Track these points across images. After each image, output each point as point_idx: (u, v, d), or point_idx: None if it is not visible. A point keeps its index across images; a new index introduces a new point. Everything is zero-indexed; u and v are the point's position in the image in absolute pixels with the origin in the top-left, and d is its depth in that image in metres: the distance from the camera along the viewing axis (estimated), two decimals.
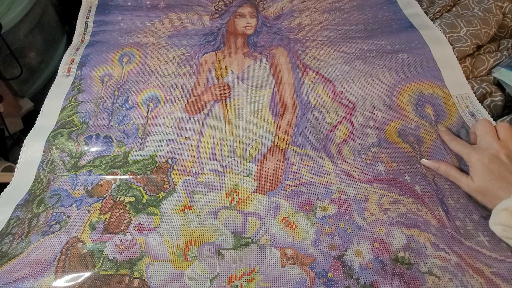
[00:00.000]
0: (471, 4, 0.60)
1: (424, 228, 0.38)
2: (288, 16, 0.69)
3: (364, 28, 0.64)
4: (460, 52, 0.54)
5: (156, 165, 0.48)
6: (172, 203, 0.44)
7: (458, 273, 0.35)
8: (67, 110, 0.56)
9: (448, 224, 0.38)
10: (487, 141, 0.37)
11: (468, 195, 0.40)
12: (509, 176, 0.33)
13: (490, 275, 0.34)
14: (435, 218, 0.39)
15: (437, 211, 0.40)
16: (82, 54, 0.65)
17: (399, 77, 0.54)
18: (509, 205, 0.31)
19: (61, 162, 0.50)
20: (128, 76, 0.61)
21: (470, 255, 0.36)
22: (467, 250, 0.36)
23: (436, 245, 0.37)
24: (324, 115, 0.51)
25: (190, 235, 0.40)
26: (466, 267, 0.35)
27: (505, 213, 0.32)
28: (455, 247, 0.36)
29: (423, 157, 0.45)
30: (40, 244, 0.41)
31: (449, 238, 0.37)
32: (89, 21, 0.72)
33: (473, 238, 0.37)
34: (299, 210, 0.42)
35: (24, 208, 0.46)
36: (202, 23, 0.70)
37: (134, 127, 0.53)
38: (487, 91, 0.51)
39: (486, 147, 0.36)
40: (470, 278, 0.34)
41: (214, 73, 0.60)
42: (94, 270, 0.38)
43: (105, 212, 0.44)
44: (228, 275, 0.37)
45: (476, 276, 0.34)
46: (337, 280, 0.35)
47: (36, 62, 0.83)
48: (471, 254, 0.36)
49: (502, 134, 0.38)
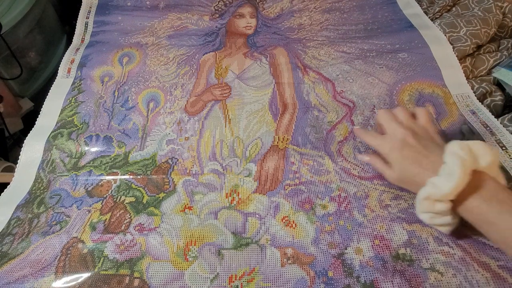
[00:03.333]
0: (471, 4, 0.60)
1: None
2: (288, 16, 0.69)
3: (364, 28, 0.64)
4: (460, 51, 0.54)
5: (156, 165, 0.48)
6: (173, 203, 0.44)
7: (462, 268, 0.34)
8: (67, 111, 0.56)
9: None
10: (392, 127, 0.36)
11: None
12: (422, 159, 0.32)
13: (497, 269, 0.33)
14: None
15: None
16: (82, 54, 0.65)
17: (399, 77, 0.54)
18: (428, 193, 0.30)
19: (61, 163, 0.50)
20: (128, 76, 0.61)
21: (476, 249, 0.35)
22: (473, 243, 0.36)
23: (439, 239, 0.36)
24: (324, 115, 0.51)
25: (191, 235, 0.40)
26: (471, 261, 0.34)
27: (427, 202, 0.31)
28: (459, 240, 0.36)
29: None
30: (40, 244, 0.41)
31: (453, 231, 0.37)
32: (89, 21, 0.72)
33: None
34: (299, 209, 0.42)
35: (24, 208, 0.46)
36: (202, 23, 0.70)
37: (134, 127, 0.53)
38: (487, 90, 0.51)
39: (393, 133, 0.35)
40: (475, 273, 0.34)
41: (214, 73, 0.60)
42: (94, 270, 0.38)
43: (106, 212, 0.44)
44: (228, 275, 0.37)
45: (482, 270, 0.34)
46: (337, 279, 0.36)
47: (36, 62, 0.83)
48: (477, 247, 0.35)
49: (401, 116, 0.37)
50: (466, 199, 0.29)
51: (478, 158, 0.30)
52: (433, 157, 0.32)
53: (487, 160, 0.29)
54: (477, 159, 0.30)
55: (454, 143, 0.31)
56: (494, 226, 0.29)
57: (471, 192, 0.29)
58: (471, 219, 0.30)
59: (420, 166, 0.32)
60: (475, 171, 0.29)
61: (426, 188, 0.30)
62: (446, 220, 0.31)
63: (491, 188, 0.29)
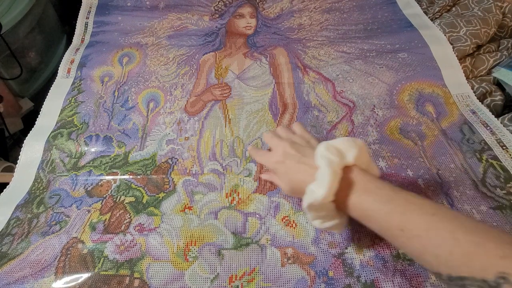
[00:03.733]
0: (471, 4, 0.60)
1: None
2: (287, 16, 0.69)
3: (363, 28, 0.64)
4: (460, 51, 0.54)
5: (156, 165, 0.48)
6: (172, 203, 0.44)
7: None
8: (67, 111, 0.56)
9: None
10: (274, 143, 0.36)
11: (475, 187, 0.40)
12: (301, 167, 0.32)
13: None
14: None
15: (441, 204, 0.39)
16: (82, 54, 0.65)
17: (399, 76, 0.54)
18: (309, 202, 0.29)
19: (61, 163, 0.50)
20: (128, 76, 0.61)
21: None
22: None
23: None
24: (324, 114, 0.51)
25: (191, 235, 0.40)
26: None
27: (311, 210, 0.30)
28: None
29: (427, 153, 0.45)
30: (40, 244, 0.41)
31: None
32: (89, 21, 0.72)
33: None
34: (299, 209, 0.42)
35: (24, 208, 0.46)
36: (202, 24, 0.70)
37: (134, 127, 0.53)
38: (487, 90, 0.51)
39: (276, 148, 0.36)
40: None
41: (214, 73, 0.60)
42: (94, 271, 0.38)
43: (105, 213, 0.44)
44: (228, 275, 0.37)
45: None
46: (338, 279, 0.35)
47: (36, 62, 0.83)
48: None
49: (281, 132, 0.38)
50: (343, 197, 0.30)
51: (345, 155, 0.30)
52: (311, 162, 0.31)
53: (353, 154, 0.30)
54: (344, 156, 0.30)
55: (320, 145, 0.31)
56: (372, 218, 0.29)
57: (346, 189, 0.29)
58: (353, 215, 0.30)
59: (302, 174, 0.32)
60: (347, 167, 0.30)
61: (306, 197, 0.30)
62: (334, 222, 0.31)
63: (360, 182, 0.29)
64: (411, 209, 0.27)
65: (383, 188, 0.29)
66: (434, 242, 0.25)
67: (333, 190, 0.29)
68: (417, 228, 0.26)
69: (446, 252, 0.24)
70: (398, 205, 0.27)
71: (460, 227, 0.25)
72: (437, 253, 0.25)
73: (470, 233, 0.24)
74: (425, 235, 0.25)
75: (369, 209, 0.29)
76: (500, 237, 0.23)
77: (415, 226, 0.26)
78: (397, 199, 0.28)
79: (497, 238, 0.23)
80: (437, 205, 0.27)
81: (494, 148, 0.44)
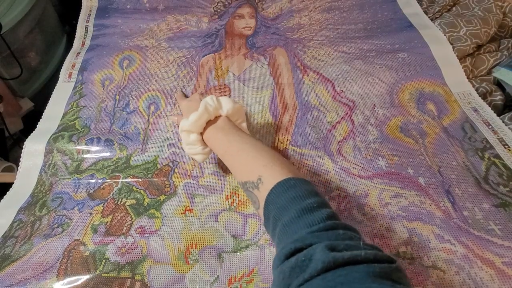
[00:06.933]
0: (471, 4, 0.60)
1: (427, 220, 0.38)
2: (287, 16, 0.69)
3: (363, 27, 0.63)
4: (460, 51, 0.54)
5: (157, 168, 0.48)
6: (173, 205, 0.44)
7: (465, 266, 0.34)
8: (69, 115, 0.57)
9: (454, 215, 0.38)
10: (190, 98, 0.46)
11: (478, 185, 0.40)
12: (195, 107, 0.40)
13: (501, 266, 0.33)
14: (439, 209, 0.39)
15: (442, 202, 0.39)
16: (83, 58, 0.65)
17: (399, 76, 0.54)
18: (182, 125, 0.40)
19: (63, 166, 0.50)
20: (129, 79, 0.61)
21: (479, 245, 0.35)
22: (476, 240, 0.35)
23: (441, 236, 0.36)
24: (324, 115, 0.51)
25: (191, 238, 0.41)
26: (474, 258, 0.34)
27: (184, 133, 0.40)
28: (462, 237, 0.36)
29: (428, 150, 0.45)
30: (42, 246, 0.42)
31: (455, 229, 0.37)
32: (89, 25, 0.72)
33: (482, 227, 0.36)
34: None
35: (26, 211, 0.46)
36: (201, 25, 0.70)
37: (136, 131, 0.53)
38: (487, 90, 0.51)
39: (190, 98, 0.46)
40: (479, 270, 0.33)
41: (214, 74, 0.60)
42: (96, 273, 0.39)
43: (107, 215, 0.44)
44: (228, 277, 0.37)
45: (486, 267, 0.33)
46: None
47: (36, 62, 0.83)
48: (480, 244, 0.35)
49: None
50: (207, 132, 0.40)
51: (222, 107, 0.40)
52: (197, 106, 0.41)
53: (228, 108, 0.40)
54: (221, 107, 0.40)
55: (208, 96, 0.40)
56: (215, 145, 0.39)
57: (210, 126, 0.39)
58: (212, 147, 0.40)
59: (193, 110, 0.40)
60: (221, 116, 0.40)
61: (182, 122, 0.40)
62: (198, 150, 0.41)
63: (220, 123, 0.39)
64: (236, 140, 0.37)
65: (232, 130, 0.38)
66: (236, 159, 0.35)
67: (201, 121, 0.39)
68: (232, 150, 0.36)
69: (241, 165, 0.35)
70: (234, 140, 0.37)
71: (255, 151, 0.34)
72: (236, 166, 0.35)
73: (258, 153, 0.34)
74: (236, 154, 0.36)
75: (215, 138, 0.39)
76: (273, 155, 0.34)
77: (232, 149, 0.36)
78: (237, 135, 0.38)
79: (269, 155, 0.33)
80: (255, 141, 0.37)
81: (496, 146, 0.44)
